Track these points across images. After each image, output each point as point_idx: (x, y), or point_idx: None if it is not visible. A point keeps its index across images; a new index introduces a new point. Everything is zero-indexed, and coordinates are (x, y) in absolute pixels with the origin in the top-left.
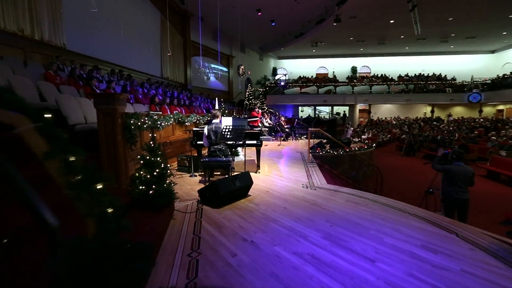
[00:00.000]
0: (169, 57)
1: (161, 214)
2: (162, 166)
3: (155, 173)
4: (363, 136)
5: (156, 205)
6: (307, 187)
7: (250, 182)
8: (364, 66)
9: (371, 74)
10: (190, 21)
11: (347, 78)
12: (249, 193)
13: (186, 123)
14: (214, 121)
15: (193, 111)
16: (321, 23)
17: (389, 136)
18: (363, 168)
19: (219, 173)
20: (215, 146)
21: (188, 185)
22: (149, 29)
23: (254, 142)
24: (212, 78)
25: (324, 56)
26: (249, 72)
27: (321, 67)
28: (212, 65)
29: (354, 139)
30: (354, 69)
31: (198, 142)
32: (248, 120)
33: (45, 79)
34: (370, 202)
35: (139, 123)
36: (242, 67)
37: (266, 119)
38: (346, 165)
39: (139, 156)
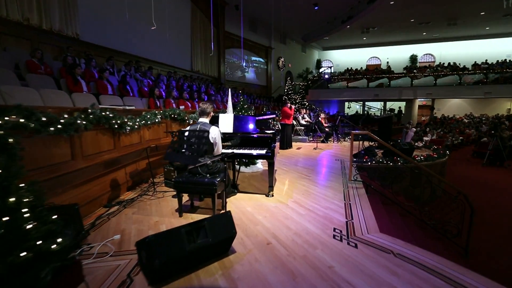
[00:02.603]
0: (201, 50)
1: None
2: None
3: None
4: (425, 138)
5: None
6: (341, 238)
7: (229, 234)
8: (426, 54)
9: (436, 63)
10: (224, 11)
11: (405, 68)
12: (236, 243)
13: (188, 121)
14: (201, 120)
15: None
16: (374, 1)
17: (460, 138)
18: (428, 184)
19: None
20: (201, 158)
21: (159, 214)
22: (177, 19)
23: (260, 152)
24: (248, 71)
25: (376, 44)
26: (289, 65)
27: (373, 57)
28: (249, 58)
29: (417, 144)
30: (413, 58)
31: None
32: (268, 117)
33: (27, 68)
34: None
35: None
36: (282, 59)
37: (302, 115)
38: (405, 181)
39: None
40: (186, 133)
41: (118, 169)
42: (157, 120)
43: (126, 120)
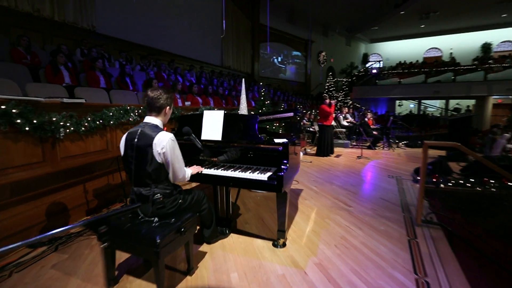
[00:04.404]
0: (232, 44)
1: None
2: None
3: None
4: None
5: None
6: None
7: None
8: (505, 41)
9: None
10: (260, 1)
11: (475, 59)
12: None
13: None
14: (147, 119)
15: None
16: None
17: None
18: None
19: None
20: (144, 188)
21: (87, 274)
22: (207, 11)
23: (259, 178)
24: (284, 67)
25: (437, 33)
26: (331, 60)
27: (432, 48)
28: (287, 53)
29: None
30: (486, 47)
31: None
32: (278, 116)
33: (11, 57)
34: None
35: None
36: (323, 53)
37: (344, 114)
38: (501, 215)
39: None
40: (122, 145)
41: (64, 189)
42: (131, 119)
43: (62, 119)
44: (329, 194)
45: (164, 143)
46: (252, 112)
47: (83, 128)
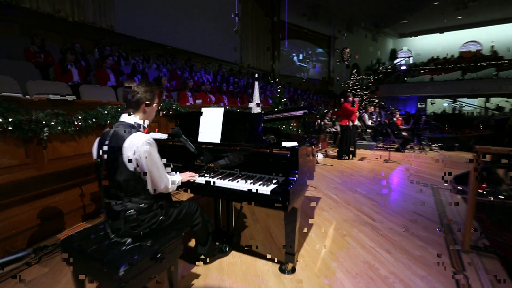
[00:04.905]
0: (251, 41)
1: None
2: None
3: None
4: None
5: None
6: None
7: None
8: None
9: None
10: None
11: None
12: None
13: None
14: (122, 118)
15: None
16: None
17: None
18: None
19: None
20: (116, 202)
21: None
22: (227, 7)
23: (262, 191)
24: (306, 65)
25: (475, 24)
26: (356, 56)
27: (470, 41)
28: (309, 50)
29: None
30: None
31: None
32: (286, 114)
33: (25, 56)
34: None
35: None
36: (348, 50)
37: (369, 113)
38: None
39: None
40: (94, 149)
41: (56, 192)
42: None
43: (45, 117)
44: (351, 205)
45: (137, 147)
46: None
47: (72, 128)
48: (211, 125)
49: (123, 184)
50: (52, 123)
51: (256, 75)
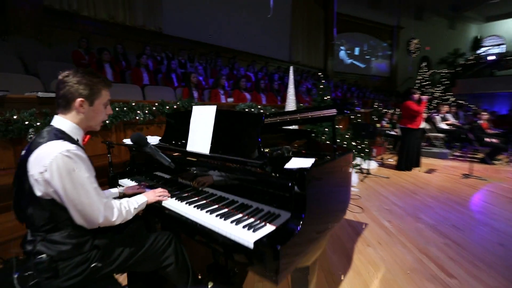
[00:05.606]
0: (302, 37)
1: None
2: None
3: None
4: None
5: None
6: None
7: None
8: None
9: None
10: None
11: None
12: None
13: None
14: (54, 120)
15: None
16: None
17: None
18: None
19: None
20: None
21: None
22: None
23: (231, 234)
24: (364, 60)
25: None
26: (426, 48)
27: None
28: (370, 43)
29: None
30: None
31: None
32: (315, 113)
33: (72, 59)
34: None
35: None
36: (415, 41)
37: (443, 114)
38: None
39: None
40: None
41: None
42: (139, 118)
43: (29, 117)
44: (412, 241)
45: (48, 162)
46: None
47: None
48: (201, 129)
49: (31, 216)
50: (38, 124)
51: (291, 68)
